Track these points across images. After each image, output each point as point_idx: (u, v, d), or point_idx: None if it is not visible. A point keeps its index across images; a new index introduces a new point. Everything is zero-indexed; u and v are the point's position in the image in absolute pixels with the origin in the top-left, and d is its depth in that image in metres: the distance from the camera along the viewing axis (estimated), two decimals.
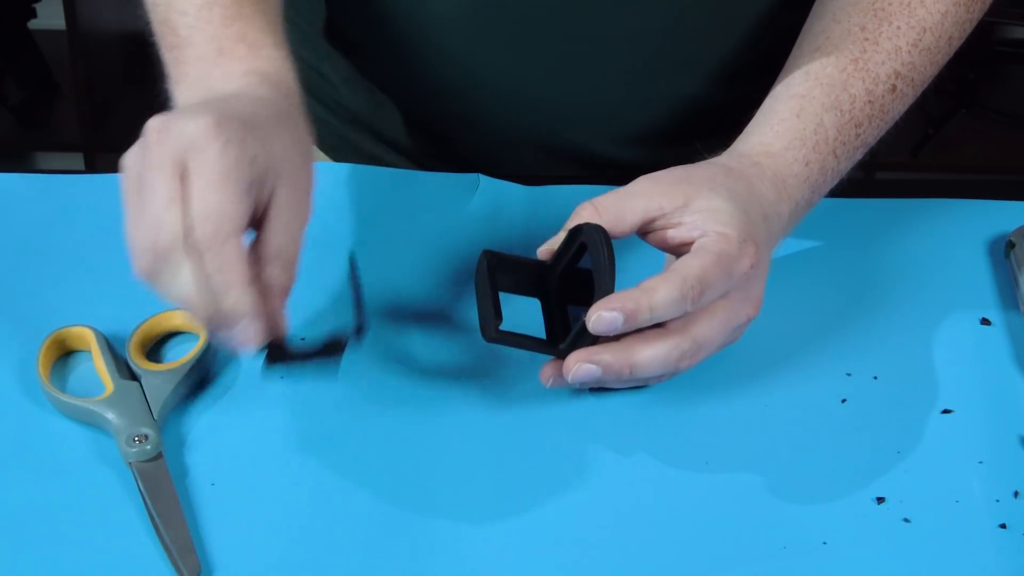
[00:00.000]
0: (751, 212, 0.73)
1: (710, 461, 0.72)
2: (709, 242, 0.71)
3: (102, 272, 0.83)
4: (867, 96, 0.79)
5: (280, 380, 0.76)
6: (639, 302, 0.68)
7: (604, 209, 0.71)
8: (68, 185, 0.90)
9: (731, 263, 0.70)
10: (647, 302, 0.68)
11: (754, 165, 0.76)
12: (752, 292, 0.73)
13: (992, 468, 0.71)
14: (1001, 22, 2.18)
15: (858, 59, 0.79)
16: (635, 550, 0.66)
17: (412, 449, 0.71)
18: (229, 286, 0.66)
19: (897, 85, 0.81)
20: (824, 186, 0.80)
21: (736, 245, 0.71)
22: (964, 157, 2.19)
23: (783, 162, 0.77)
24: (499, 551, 0.66)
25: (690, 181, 0.73)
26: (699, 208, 0.72)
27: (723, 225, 0.71)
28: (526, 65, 0.89)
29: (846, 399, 0.75)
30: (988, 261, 0.86)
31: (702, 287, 0.69)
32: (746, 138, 0.79)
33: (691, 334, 0.71)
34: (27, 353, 0.76)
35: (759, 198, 0.75)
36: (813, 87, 0.79)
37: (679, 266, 0.70)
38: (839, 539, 0.67)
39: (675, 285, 0.69)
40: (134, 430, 0.70)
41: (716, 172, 0.75)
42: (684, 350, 0.70)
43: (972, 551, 0.67)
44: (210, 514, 0.68)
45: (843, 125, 0.79)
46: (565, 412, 0.74)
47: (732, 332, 0.73)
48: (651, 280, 0.69)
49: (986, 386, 0.77)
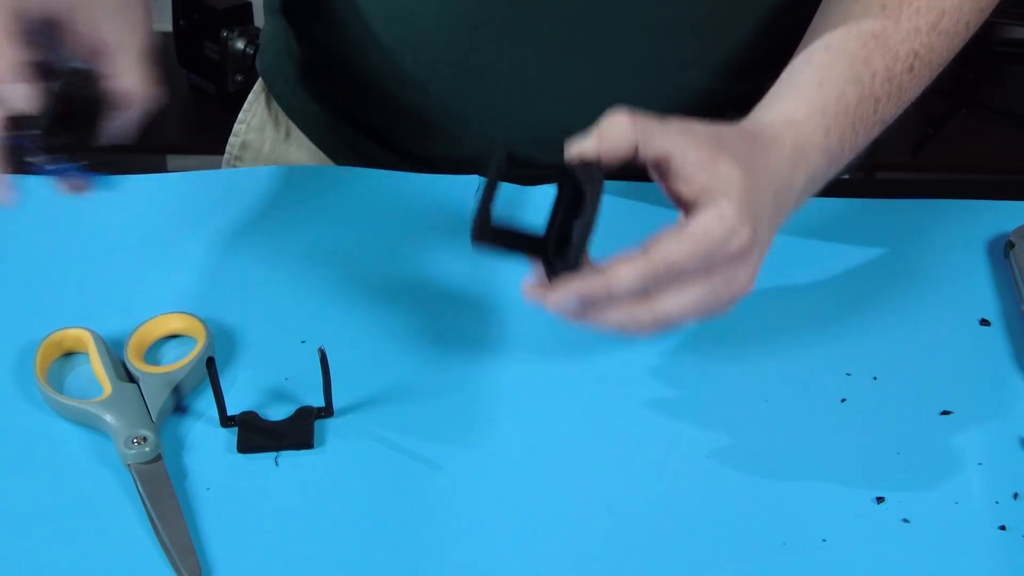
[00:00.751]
0: (762, 189, 0.72)
1: (711, 459, 0.72)
2: (700, 221, 0.69)
3: (100, 274, 0.83)
4: (886, 73, 0.80)
5: (280, 381, 0.76)
6: (598, 290, 0.68)
7: (640, 123, 0.70)
8: None
9: (715, 246, 0.69)
10: (606, 290, 0.68)
11: (776, 135, 0.75)
12: (741, 272, 0.72)
13: (991, 470, 0.71)
14: (1001, 22, 2.18)
15: (879, 35, 0.80)
16: (635, 546, 0.66)
17: (411, 449, 0.71)
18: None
19: (915, 65, 0.81)
20: (841, 158, 0.79)
21: (729, 226, 0.69)
22: (964, 157, 2.18)
23: (804, 131, 0.76)
24: (498, 547, 0.66)
25: (719, 140, 0.72)
26: (717, 172, 0.70)
27: (727, 201, 0.70)
28: (533, 61, 0.89)
29: (846, 399, 0.75)
30: (988, 261, 0.86)
31: (670, 274, 0.69)
32: (768, 106, 0.78)
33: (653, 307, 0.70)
34: (25, 354, 0.76)
35: (774, 172, 0.74)
36: (835, 58, 0.79)
37: (652, 247, 0.69)
38: (838, 537, 0.67)
39: (639, 273, 0.68)
40: (133, 432, 0.70)
41: (743, 138, 0.74)
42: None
43: (971, 552, 0.67)
44: (210, 516, 0.67)
45: (862, 99, 0.79)
46: (566, 409, 0.74)
47: (708, 308, 0.72)
48: (619, 264, 0.68)
49: (986, 387, 0.77)
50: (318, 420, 0.73)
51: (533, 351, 0.78)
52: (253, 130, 1.06)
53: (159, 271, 0.83)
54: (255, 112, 1.07)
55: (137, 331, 0.77)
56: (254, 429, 0.72)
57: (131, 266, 0.84)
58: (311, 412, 0.73)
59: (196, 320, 0.78)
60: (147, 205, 0.89)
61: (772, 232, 0.74)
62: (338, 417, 0.73)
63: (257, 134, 1.06)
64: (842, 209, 0.90)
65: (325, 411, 0.73)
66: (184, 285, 0.82)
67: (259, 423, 0.72)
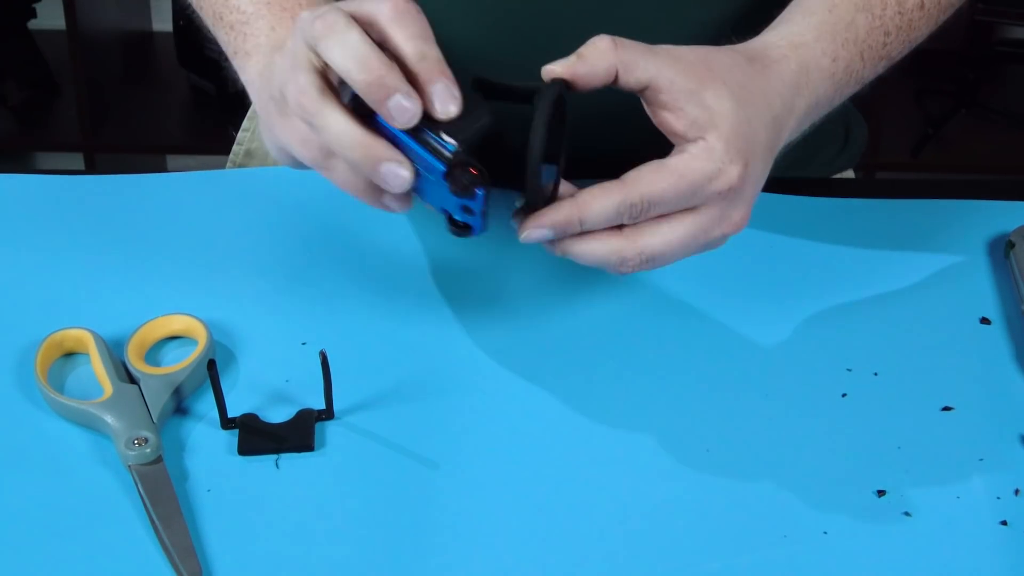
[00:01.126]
0: (756, 119, 0.71)
1: (713, 453, 0.72)
2: (683, 157, 0.68)
3: (101, 274, 0.83)
4: (898, 6, 0.79)
5: (280, 383, 0.76)
6: (570, 218, 0.68)
7: (623, 48, 0.69)
8: (68, 185, 0.90)
9: (700, 182, 0.68)
10: (578, 217, 0.68)
11: (780, 57, 0.74)
12: (730, 211, 0.71)
13: (992, 465, 0.71)
14: (1001, 22, 2.18)
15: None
16: (638, 540, 0.67)
17: (412, 451, 0.71)
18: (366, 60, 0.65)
19: (925, 3, 0.81)
20: (847, 88, 0.78)
21: (717, 162, 0.68)
22: (964, 157, 2.18)
23: (811, 53, 0.75)
24: (499, 548, 0.66)
25: (709, 66, 0.70)
26: (705, 102, 0.69)
27: (716, 135, 0.68)
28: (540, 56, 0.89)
29: (847, 394, 0.75)
30: (988, 261, 0.86)
31: (647, 205, 0.68)
32: (776, 27, 0.77)
33: (637, 241, 0.69)
34: (25, 354, 0.76)
35: (772, 97, 0.72)
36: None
37: (631, 178, 0.68)
38: (840, 530, 0.67)
39: (614, 201, 0.67)
40: (133, 433, 0.70)
41: (737, 62, 0.72)
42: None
43: (973, 547, 0.67)
44: (210, 518, 0.67)
45: (873, 28, 0.78)
46: (566, 408, 0.74)
47: (698, 246, 0.71)
48: (591, 191, 0.68)
49: (986, 384, 0.77)
50: (319, 422, 0.73)
51: (534, 352, 0.78)
52: (257, 139, 1.06)
53: (160, 272, 0.83)
54: (259, 120, 1.06)
55: (138, 332, 0.77)
56: (254, 431, 0.72)
57: (132, 266, 0.84)
58: (312, 414, 0.73)
59: (197, 321, 0.78)
60: (148, 205, 0.89)
61: (768, 163, 0.73)
62: (339, 419, 0.73)
63: (261, 143, 1.05)
64: (842, 209, 0.90)
65: (326, 413, 0.73)
66: (185, 286, 0.82)
67: (260, 425, 0.72)
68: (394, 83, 0.65)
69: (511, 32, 0.86)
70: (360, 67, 0.65)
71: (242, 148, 1.06)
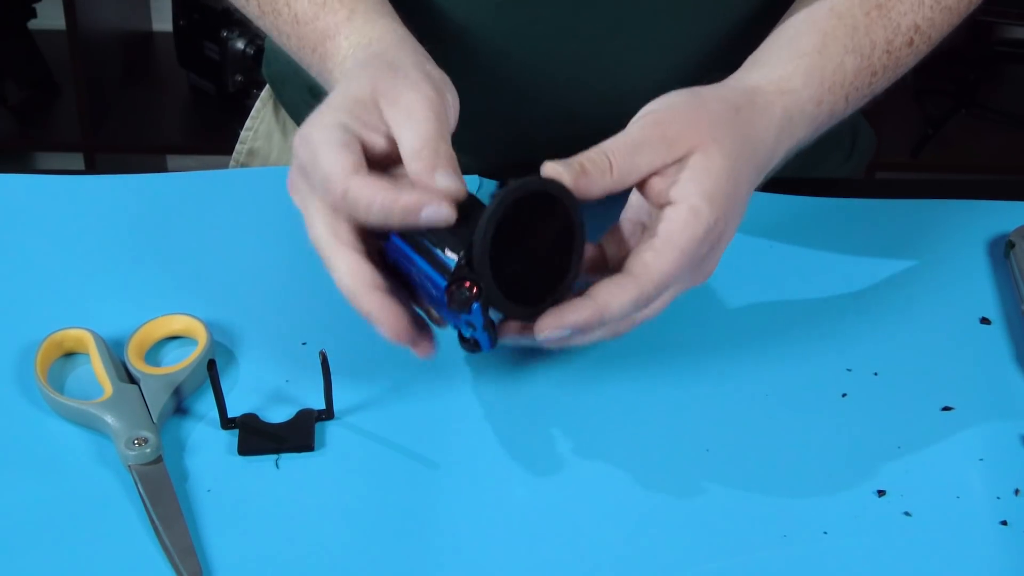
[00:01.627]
0: (741, 173, 0.72)
1: (713, 453, 0.72)
2: (676, 226, 0.69)
3: (101, 274, 0.83)
4: (886, 45, 0.79)
5: (280, 383, 0.76)
6: (591, 320, 0.68)
7: (617, 167, 0.70)
8: (68, 185, 0.90)
9: (695, 250, 0.69)
10: (599, 318, 0.68)
11: (767, 105, 0.75)
12: (707, 263, 0.72)
13: (993, 465, 0.71)
14: (1001, 22, 2.18)
15: (882, 5, 0.79)
16: (638, 539, 0.67)
17: (411, 457, 0.71)
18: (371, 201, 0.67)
19: (915, 39, 0.80)
20: (826, 126, 0.79)
21: (704, 222, 0.69)
22: (964, 157, 2.18)
23: (797, 99, 0.76)
24: (499, 548, 0.66)
25: (698, 126, 0.71)
26: (695, 164, 0.70)
27: (703, 196, 0.69)
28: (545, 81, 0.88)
29: (847, 394, 0.75)
30: (988, 261, 0.86)
31: (659, 291, 0.69)
32: (766, 67, 0.77)
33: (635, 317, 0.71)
34: (25, 355, 0.76)
35: (757, 146, 0.73)
36: (837, 26, 0.78)
37: (638, 269, 0.69)
38: (840, 530, 0.67)
39: (631, 296, 0.68)
40: (133, 433, 0.70)
41: (724, 114, 0.73)
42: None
43: (973, 547, 0.67)
44: (210, 518, 0.67)
45: (861, 70, 0.78)
46: (566, 408, 0.74)
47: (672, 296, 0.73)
48: (607, 289, 0.68)
49: (986, 384, 0.77)
50: (318, 422, 0.73)
51: (533, 351, 0.77)
52: (260, 137, 1.06)
53: (160, 272, 0.83)
54: (263, 119, 1.06)
55: (138, 332, 0.77)
56: (254, 431, 0.72)
57: (132, 266, 0.84)
58: (311, 414, 0.73)
59: (197, 321, 0.78)
60: (148, 205, 0.89)
61: (743, 212, 0.73)
62: (339, 419, 0.73)
63: (265, 141, 1.05)
64: (842, 209, 0.90)
65: (326, 413, 0.73)
66: (185, 286, 0.82)
67: (259, 425, 0.72)
68: (415, 201, 0.67)
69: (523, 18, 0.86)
70: (385, 214, 0.67)
71: (245, 147, 1.06)
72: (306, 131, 0.70)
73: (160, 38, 2.39)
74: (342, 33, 0.77)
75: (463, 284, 0.67)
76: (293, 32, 0.79)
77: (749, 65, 0.78)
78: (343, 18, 0.77)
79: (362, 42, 0.76)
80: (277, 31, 0.82)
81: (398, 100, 0.70)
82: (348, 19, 0.77)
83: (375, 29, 0.76)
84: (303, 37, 0.79)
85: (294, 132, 1.03)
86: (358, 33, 0.76)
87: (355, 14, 0.77)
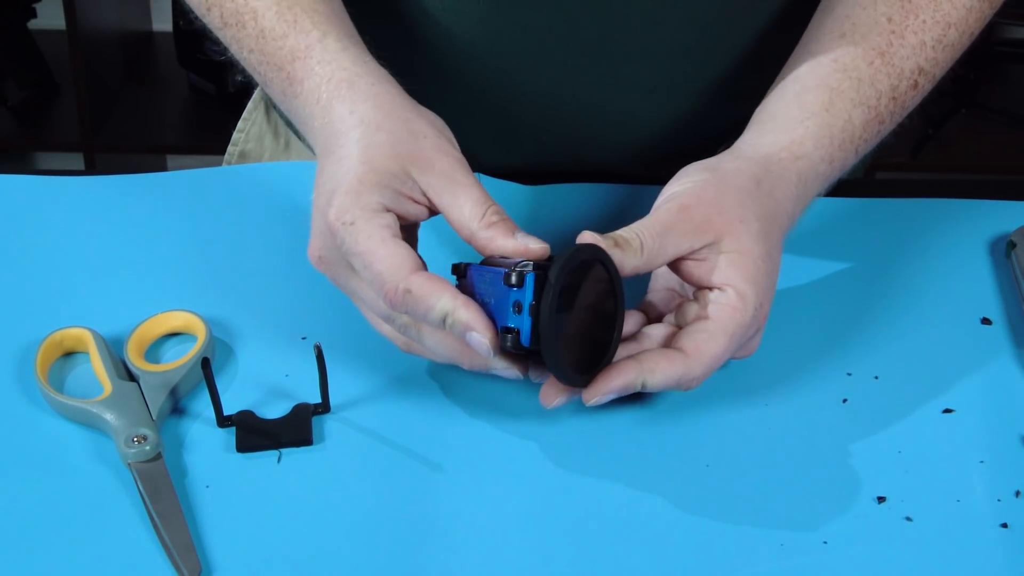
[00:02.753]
0: (774, 247, 0.73)
1: (711, 461, 0.71)
2: (725, 311, 0.70)
3: (100, 273, 0.83)
4: (891, 92, 0.79)
5: (280, 378, 0.76)
6: (634, 383, 0.69)
7: (647, 249, 0.70)
8: (68, 185, 0.90)
9: (743, 334, 0.71)
10: (642, 383, 0.69)
11: (782, 173, 0.75)
12: (753, 341, 0.74)
13: (993, 467, 0.71)
14: (1001, 22, 2.18)
15: (884, 52, 0.79)
16: (636, 547, 0.66)
17: (410, 451, 0.71)
18: (434, 308, 0.67)
19: (919, 81, 0.80)
20: (835, 179, 0.79)
21: (752, 309, 0.70)
22: (964, 157, 2.18)
23: (811, 164, 0.76)
24: (497, 543, 0.66)
25: (721, 210, 0.72)
26: (727, 248, 0.71)
27: (746, 281, 0.71)
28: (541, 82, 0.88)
29: (847, 399, 0.75)
30: (989, 261, 0.86)
31: (706, 373, 0.70)
32: (776, 132, 0.77)
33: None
34: (25, 354, 0.76)
35: (782, 218, 0.74)
36: (843, 80, 0.78)
37: (690, 347, 0.70)
38: (840, 539, 0.67)
39: (677, 372, 0.69)
40: (133, 431, 0.70)
41: (746, 190, 0.73)
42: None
43: (974, 550, 0.67)
44: (210, 514, 0.67)
45: (868, 122, 0.78)
46: (566, 407, 0.74)
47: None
48: (654, 358, 0.69)
49: (987, 386, 0.77)
50: (315, 416, 0.73)
51: None
52: (252, 140, 1.06)
53: (159, 269, 0.83)
54: (254, 121, 1.06)
55: (137, 329, 0.77)
56: (251, 428, 0.72)
57: (131, 264, 0.84)
58: (308, 409, 0.73)
59: (196, 317, 0.78)
60: (147, 204, 0.89)
61: (776, 282, 0.74)
62: (335, 413, 0.73)
63: (256, 144, 1.05)
64: (842, 209, 0.90)
65: (322, 407, 0.73)
66: (184, 283, 0.82)
67: (256, 422, 0.72)
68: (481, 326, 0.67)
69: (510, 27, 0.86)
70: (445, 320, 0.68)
71: (236, 149, 1.06)
72: (346, 215, 0.68)
73: (160, 38, 2.39)
74: (314, 56, 0.75)
75: (526, 265, 0.67)
76: (257, 47, 0.78)
77: (758, 126, 0.78)
78: (315, 39, 0.76)
79: (338, 75, 0.74)
80: (238, 44, 0.80)
81: (432, 167, 0.70)
82: (320, 41, 0.76)
83: (347, 57, 0.75)
84: (268, 54, 0.77)
85: (285, 135, 1.03)
86: (331, 58, 0.75)
87: (327, 37, 0.76)
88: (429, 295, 0.67)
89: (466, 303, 0.67)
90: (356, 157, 0.70)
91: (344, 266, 0.70)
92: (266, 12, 0.77)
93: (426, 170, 0.70)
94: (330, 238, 0.69)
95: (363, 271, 0.68)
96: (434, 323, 0.68)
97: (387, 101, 0.73)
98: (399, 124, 0.72)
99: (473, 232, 0.69)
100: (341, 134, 0.72)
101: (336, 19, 0.77)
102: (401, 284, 0.67)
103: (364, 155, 0.70)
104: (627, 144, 0.93)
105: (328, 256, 0.71)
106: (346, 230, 0.68)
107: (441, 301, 0.67)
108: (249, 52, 0.79)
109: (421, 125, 0.72)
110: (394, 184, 0.69)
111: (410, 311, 0.68)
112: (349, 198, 0.69)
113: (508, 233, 0.69)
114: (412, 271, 0.67)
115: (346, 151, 0.71)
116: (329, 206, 0.69)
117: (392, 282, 0.67)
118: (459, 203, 0.69)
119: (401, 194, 0.70)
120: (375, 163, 0.70)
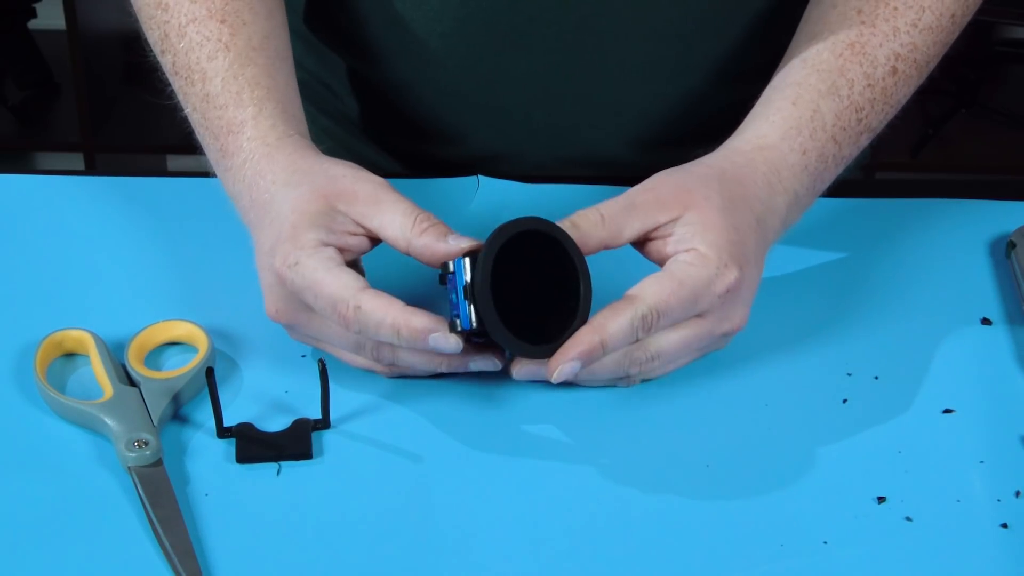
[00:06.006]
0: (743, 224, 0.73)
1: (711, 461, 0.71)
2: (681, 264, 0.71)
3: (100, 276, 0.83)
4: (866, 80, 0.79)
5: (280, 393, 0.75)
6: (593, 344, 0.70)
7: (609, 219, 0.73)
8: (68, 185, 0.90)
9: (700, 288, 0.71)
10: (600, 340, 0.70)
11: (748, 162, 0.76)
12: (732, 311, 0.74)
13: (993, 468, 0.71)
14: (1001, 22, 2.18)
15: (854, 43, 0.79)
16: (637, 549, 0.66)
17: (407, 458, 0.71)
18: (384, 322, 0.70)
19: (898, 67, 0.80)
20: (827, 173, 0.79)
21: (714, 268, 0.71)
22: (964, 157, 2.18)
23: (778, 153, 0.77)
24: (498, 556, 0.66)
25: (688, 188, 0.74)
26: (691, 220, 0.72)
27: (708, 245, 0.72)
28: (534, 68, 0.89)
29: (847, 399, 0.75)
30: (989, 261, 0.86)
31: (656, 315, 0.70)
32: (742, 131, 0.79)
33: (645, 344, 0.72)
34: (25, 354, 0.76)
35: (752, 202, 0.75)
36: (809, 74, 0.79)
37: (636, 293, 0.71)
38: (840, 539, 0.67)
39: (627, 317, 0.70)
40: (134, 435, 0.70)
41: (711, 176, 0.75)
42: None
43: (974, 550, 0.67)
44: (210, 521, 0.67)
45: (842, 111, 0.79)
46: (566, 415, 0.74)
47: (701, 347, 0.74)
48: (603, 315, 0.70)
49: (987, 386, 0.76)
50: (314, 432, 0.73)
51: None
52: None
53: (161, 275, 0.83)
54: None
55: (139, 335, 0.77)
56: (251, 441, 0.72)
57: (132, 269, 0.83)
58: (308, 424, 0.73)
59: (198, 329, 0.77)
60: (149, 207, 0.89)
61: (761, 264, 0.75)
62: (335, 428, 0.73)
63: None
64: (842, 209, 0.89)
65: (322, 423, 0.73)
66: (187, 291, 0.82)
67: (256, 435, 0.72)
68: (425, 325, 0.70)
69: (485, 25, 0.86)
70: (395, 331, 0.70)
71: None
72: (289, 257, 0.71)
73: None
74: (245, 132, 0.77)
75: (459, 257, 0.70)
76: (199, 107, 0.80)
77: (735, 133, 0.79)
78: (250, 115, 0.78)
79: (259, 151, 0.77)
80: (184, 97, 0.82)
81: (356, 196, 0.73)
82: (254, 117, 0.78)
83: (273, 133, 0.77)
84: (209, 120, 0.79)
85: None
86: (259, 135, 0.77)
87: (261, 113, 0.78)
88: (377, 309, 0.69)
89: (414, 312, 0.69)
90: (286, 212, 0.73)
91: (302, 309, 0.73)
92: (215, 78, 0.79)
93: (351, 201, 0.73)
94: (281, 287, 0.72)
95: (315, 302, 0.71)
96: (388, 338, 0.70)
97: (302, 162, 0.76)
98: (317, 174, 0.75)
99: (409, 242, 0.72)
100: (266, 203, 0.75)
101: (278, 91, 0.79)
102: (351, 301, 0.70)
103: (292, 206, 0.73)
104: (620, 128, 0.93)
105: (283, 307, 0.73)
106: (292, 271, 0.71)
107: (389, 314, 0.69)
108: (193, 110, 0.81)
109: (337, 169, 0.75)
110: (325, 222, 0.72)
111: (363, 329, 0.70)
112: (288, 244, 0.72)
113: (441, 236, 0.71)
114: (360, 290, 0.70)
115: (275, 212, 0.74)
116: (272, 257, 0.72)
117: (343, 301, 0.70)
118: (388, 219, 0.72)
119: (334, 230, 0.72)
120: (303, 209, 0.72)
